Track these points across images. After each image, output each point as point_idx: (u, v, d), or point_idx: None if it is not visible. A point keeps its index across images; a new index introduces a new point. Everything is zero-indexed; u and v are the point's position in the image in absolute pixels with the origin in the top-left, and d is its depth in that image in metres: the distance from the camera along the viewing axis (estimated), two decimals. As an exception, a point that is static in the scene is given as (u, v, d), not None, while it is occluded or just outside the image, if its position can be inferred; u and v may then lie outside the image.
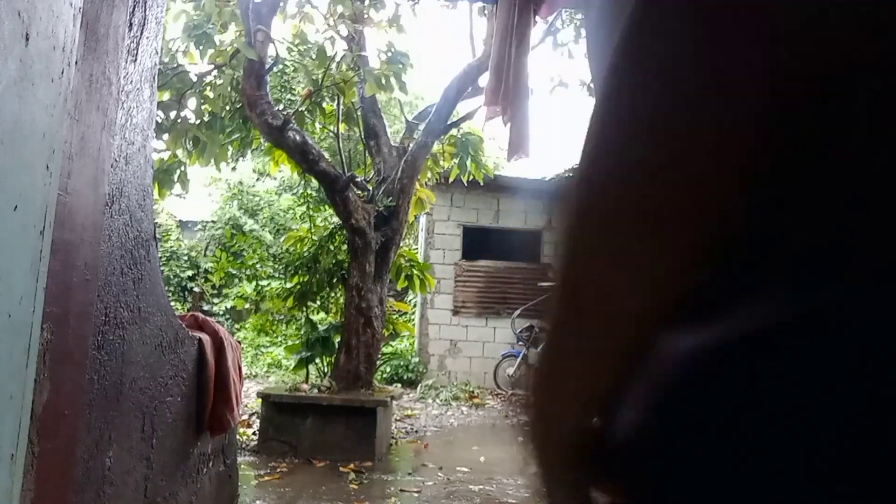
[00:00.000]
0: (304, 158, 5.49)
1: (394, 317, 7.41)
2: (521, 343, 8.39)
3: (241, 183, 14.11)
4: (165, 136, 5.62)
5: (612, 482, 0.44)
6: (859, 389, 0.32)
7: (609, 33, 0.56)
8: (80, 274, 1.49)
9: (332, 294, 6.19)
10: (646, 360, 0.37)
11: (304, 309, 6.13)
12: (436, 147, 6.22)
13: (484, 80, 5.39)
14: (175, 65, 5.69)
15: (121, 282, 1.75)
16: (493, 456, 5.15)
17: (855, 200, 0.33)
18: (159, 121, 5.44)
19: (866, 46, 0.34)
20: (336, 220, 6.06)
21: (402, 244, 6.27)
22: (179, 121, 5.73)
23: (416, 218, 8.98)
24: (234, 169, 7.83)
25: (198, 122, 5.91)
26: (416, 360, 9.39)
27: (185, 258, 13.32)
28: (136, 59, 1.81)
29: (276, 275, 10.89)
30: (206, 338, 2.56)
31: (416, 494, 4.03)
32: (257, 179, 14.18)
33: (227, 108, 6.14)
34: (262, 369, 10.08)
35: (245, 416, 5.64)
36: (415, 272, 6.30)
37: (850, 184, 0.33)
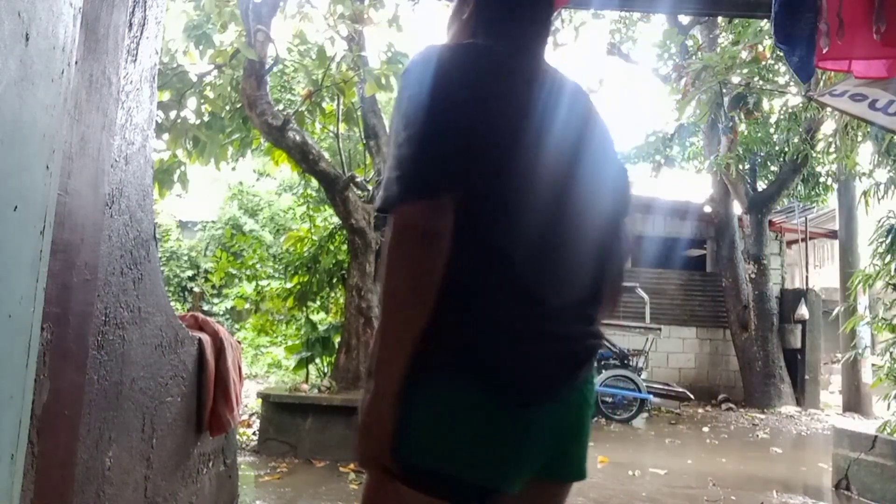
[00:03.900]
0: (304, 158, 5.49)
1: (394, 317, 7.39)
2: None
3: (241, 183, 14.09)
4: (165, 136, 5.62)
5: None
6: None
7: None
8: (80, 274, 1.49)
9: (332, 294, 6.19)
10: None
11: (304, 309, 6.13)
12: (436, 147, 6.20)
13: (484, 80, 5.37)
14: (175, 65, 5.68)
15: (121, 282, 1.75)
16: (493, 456, 5.14)
17: None
18: (159, 121, 5.44)
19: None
20: (336, 220, 6.05)
21: (402, 244, 6.25)
22: (179, 121, 5.72)
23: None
24: (234, 169, 7.82)
25: (198, 122, 5.90)
26: (416, 360, 9.38)
27: (185, 258, 13.30)
28: (136, 59, 1.80)
29: (276, 275, 10.86)
30: (206, 338, 2.56)
31: (416, 494, 4.02)
32: (257, 179, 14.16)
33: (227, 108, 6.13)
34: (262, 369, 10.07)
35: (245, 416, 5.64)
36: (415, 272, 6.28)
37: None
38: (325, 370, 5.69)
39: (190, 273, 13.12)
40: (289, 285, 6.26)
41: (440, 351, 0.97)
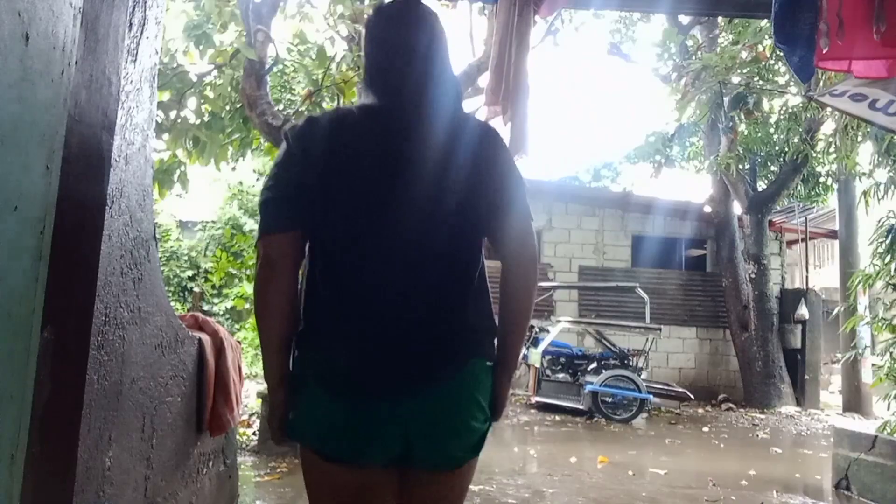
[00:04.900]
0: (304, 158, 5.47)
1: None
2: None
3: (241, 183, 14.08)
4: (165, 136, 5.62)
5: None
6: None
7: None
8: (80, 274, 1.49)
9: (332, 294, 6.17)
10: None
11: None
12: (436, 147, 6.20)
13: (484, 80, 5.38)
14: (175, 65, 5.68)
15: (121, 282, 1.75)
16: (493, 456, 5.15)
17: None
18: (159, 121, 5.44)
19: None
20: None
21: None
22: (179, 121, 5.72)
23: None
24: (234, 169, 7.81)
25: (198, 122, 5.90)
26: (416, 360, 9.36)
27: (185, 258, 13.30)
28: (136, 59, 1.80)
29: (276, 275, 10.81)
30: (206, 338, 2.56)
31: (416, 494, 4.02)
32: (257, 179, 14.15)
33: (227, 108, 6.13)
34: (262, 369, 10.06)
35: (245, 416, 5.64)
36: (415, 272, 6.28)
37: None
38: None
39: (190, 273, 13.11)
40: (289, 285, 6.25)
41: (299, 352, 1.29)
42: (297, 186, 1.27)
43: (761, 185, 10.76)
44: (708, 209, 10.85)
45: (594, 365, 8.06)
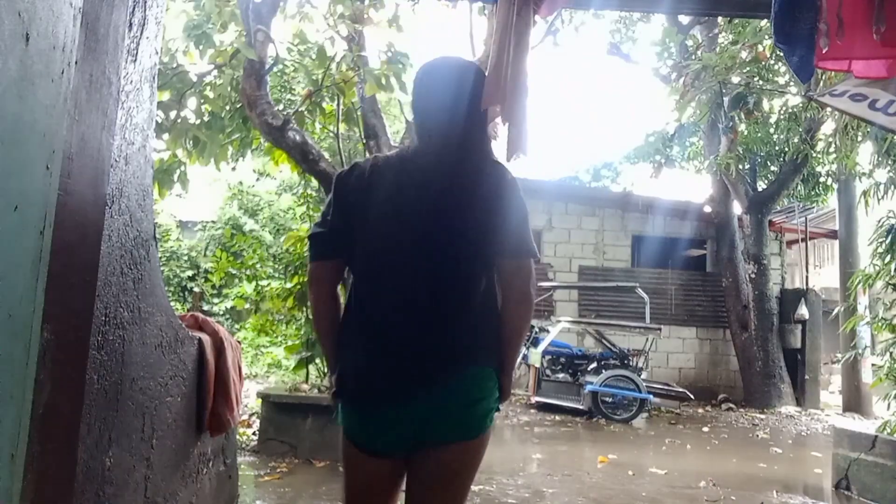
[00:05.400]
0: (304, 158, 5.48)
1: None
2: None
3: (241, 183, 14.08)
4: (165, 136, 5.61)
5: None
6: None
7: None
8: (80, 274, 1.49)
9: (333, 294, 6.16)
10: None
11: (304, 309, 6.12)
12: (436, 147, 6.20)
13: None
14: (175, 65, 5.68)
15: (121, 282, 1.75)
16: (493, 456, 5.15)
17: None
18: (159, 121, 5.44)
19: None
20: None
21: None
22: (179, 121, 5.72)
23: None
24: (234, 169, 7.81)
25: (198, 122, 5.90)
26: (416, 360, 9.35)
27: (185, 258, 13.30)
28: (136, 59, 1.80)
29: (276, 275, 10.86)
30: (206, 338, 2.56)
31: (416, 494, 4.02)
32: (257, 179, 14.16)
33: (227, 108, 6.13)
34: (262, 369, 10.06)
35: (245, 416, 5.64)
36: (415, 272, 6.27)
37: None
38: (325, 370, 5.69)
39: (190, 273, 13.12)
40: (289, 285, 6.25)
41: (334, 361, 1.64)
42: (338, 224, 1.60)
43: (761, 185, 10.76)
44: (708, 209, 10.84)
45: (594, 365, 8.06)
